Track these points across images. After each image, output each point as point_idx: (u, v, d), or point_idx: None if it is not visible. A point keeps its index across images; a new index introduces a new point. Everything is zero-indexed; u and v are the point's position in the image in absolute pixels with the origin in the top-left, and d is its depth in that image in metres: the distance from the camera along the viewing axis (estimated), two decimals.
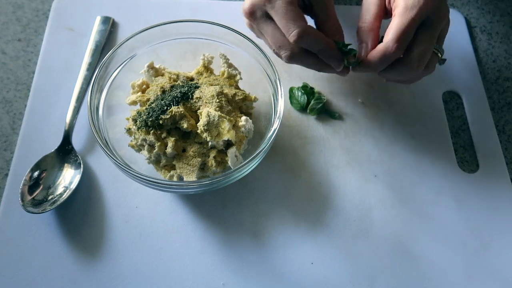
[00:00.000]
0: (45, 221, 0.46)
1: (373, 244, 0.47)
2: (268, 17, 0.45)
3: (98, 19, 0.57)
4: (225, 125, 0.43)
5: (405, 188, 0.50)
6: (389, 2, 0.47)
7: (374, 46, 0.46)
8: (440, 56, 0.48)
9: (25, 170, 0.47)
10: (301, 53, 0.45)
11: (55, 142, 0.49)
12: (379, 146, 0.53)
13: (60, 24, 0.58)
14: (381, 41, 0.45)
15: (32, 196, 0.45)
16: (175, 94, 0.45)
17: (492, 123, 0.55)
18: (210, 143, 0.44)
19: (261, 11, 0.45)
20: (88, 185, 0.48)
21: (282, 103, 0.45)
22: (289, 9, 0.44)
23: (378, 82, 0.57)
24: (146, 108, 0.45)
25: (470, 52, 0.60)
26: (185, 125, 0.44)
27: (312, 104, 0.53)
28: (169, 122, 0.44)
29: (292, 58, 0.46)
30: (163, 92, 0.46)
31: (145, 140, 0.45)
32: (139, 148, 0.46)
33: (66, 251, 0.45)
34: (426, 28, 0.45)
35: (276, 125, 0.44)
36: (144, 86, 0.49)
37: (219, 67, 0.50)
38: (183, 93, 0.45)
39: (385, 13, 0.48)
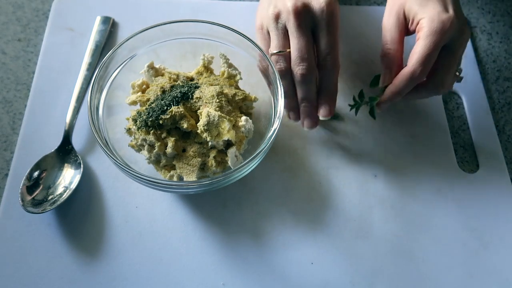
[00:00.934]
0: (45, 221, 0.46)
1: (373, 244, 0.47)
2: (311, 26, 0.45)
3: (98, 19, 0.57)
4: (225, 125, 0.43)
5: (405, 188, 0.50)
6: (412, 23, 0.47)
7: (398, 72, 0.46)
8: (458, 75, 0.49)
9: (25, 170, 0.47)
10: (314, 76, 0.45)
11: (55, 142, 0.49)
12: (379, 146, 0.53)
13: (60, 24, 0.58)
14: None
15: (32, 196, 0.45)
16: (175, 94, 0.45)
17: (492, 123, 0.55)
18: (210, 143, 0.44)
19: (311, 17, 0.44)
20: (88, 185, 0.48)
21: (282, 103, 0.45)
22: (337, 37, 0.45)
23: None
24: (146, 108, 0.45)
25: (470, 52, 0.60)
26: (185, 125, 0.44)
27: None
28: (169, 122, 0.44)
29: (305, 75, 0.45)
30: (163, 92, 0.46)
31: (145, 140, 0.45)
32: (139, 148, 0.46)
33: (66, 251, 0.45)
34: (449, 51, 0.45)
35: (276, 125, 0.44)
36: (144, 86, 0.49)
37: (219, 67, 0.50)
38: (183, 93, 0.45)
39: (407, 30, 0.48)
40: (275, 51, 0.46)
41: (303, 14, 0.44)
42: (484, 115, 0.56)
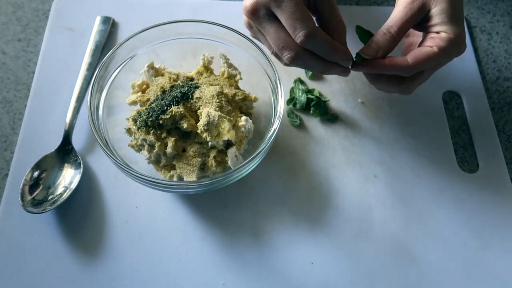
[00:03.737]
0: (45, 221, 0.46)
1: (373, 244, 0.47)
2: (272, 16, 0.43)
3: (98, 19, 0.57)
4: (225, 125, 0.43)
5: (405, 188, 0.50)
6: (429, 22, 0.45)
7: (384, 53, 0.45)
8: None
9: (25, 170, 0.47)
10: (306, 54, 0.43)
11: (55, 142, 0.49)
12: (379, 146, 0.53)
13: (60, 24, 0.58)
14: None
15: (32, 196, 0.45)
16: (175, 94, 0.45)
17: (492, 123, 0.55)
18: (210, 143, 0.44)
19: (265, 9, 0.43)
20: (88, 185, 0.48)
21: (282, 103, 0.45)
22: (297, 8, 0.42)
23: None
24: (146, 108, 0.45)
25: (470, 52, 0.60)
26: (185, 125, 0.44)
27: (314, 105, 0.53)
28: (169, 122, 0.44)
29: (295, 60, 0.43)
30: (163, 92, 0.46)
31: (145, 140, 0.45)
32: (139, 148, 0.46)
33: (66, 251, 0.45)
34: (436, 67, 0.46)
35: (276, 125, 0.44)
36: (144, 86, 0.49)
37: (219, 67, 0.50)
38: (183, 93, 0.45)
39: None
40: (271, 52, 0.46)
41: (255, 11, 0.43)
42: (484, 115, 0.56)
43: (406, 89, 0.47)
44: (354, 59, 0.45)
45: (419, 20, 0.45)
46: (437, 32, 0.44)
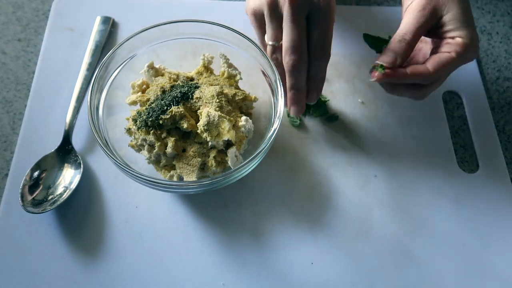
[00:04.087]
0: (45, 221, 0.46)
1: (373, 244, 0.47)
2: (307, 13, 0.43)
3: (98, 19, 0.57)
4: (225, 125, 0.43)
5: (405, 188, 0.50)
6: (442, 28, 0.46)
7: (401, 62, 0.45)
8: None
9: (25, 170, 0.47)
10: (304, 66, 0.44)
11: (55, 142, 0.49)
12: (379, 146, 0.53)
13: (60, 24, 0.58)
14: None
15: (32, 196, 0.45)
16: (175, 94, 0.45)
17: (492, 123, 0.55)
18: (210, 143, 0.44)
19: (307, 4, 0.42)
20: (88, 185, 0.48)
21: (282, 103, 0.45)
22: (333, 23, 0.44)
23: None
24: (146, 108, 0.45)
25: None
26: (185, 125, 0.44)
27: (314, 105, 0.53)
28: (169, 122, 0.44)
29: (296, 66, 0.44)
30: (163, 92, 0.46)
31: (145, 140, 0.45)
32: (139, 148, 0.46)
33: (66, 251, 0.45)
34: (451, 72, 0.47)
35: (276, 125, 0.44)
36: (144, 86, 0.49)
37: (219, 67, 0.50)
38: (183, 93, 0.45)
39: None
40: (271, 43, 0.46)
41: (299, 2, 0.43)
42: (484, 115, 0.56)
43: (422, 95, 0.48)
44: (375, 69, 0.45)
45: (431, 26, 0.46)
46: (452, 38, 0.45)
